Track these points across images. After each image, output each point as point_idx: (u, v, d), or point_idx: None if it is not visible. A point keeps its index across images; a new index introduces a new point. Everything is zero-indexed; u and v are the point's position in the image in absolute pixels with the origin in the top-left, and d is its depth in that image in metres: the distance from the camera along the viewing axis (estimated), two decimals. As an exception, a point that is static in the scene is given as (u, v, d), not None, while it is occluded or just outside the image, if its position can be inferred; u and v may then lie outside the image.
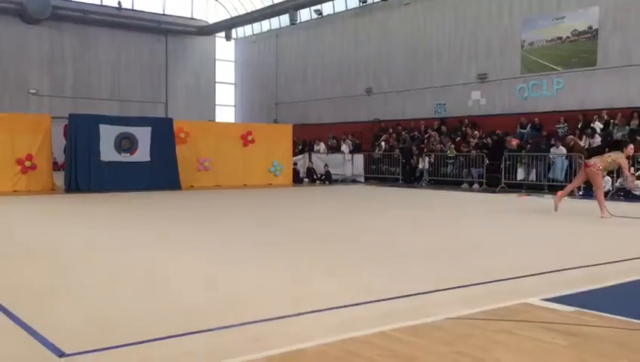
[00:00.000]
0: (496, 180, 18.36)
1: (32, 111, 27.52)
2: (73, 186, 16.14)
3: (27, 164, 15.93)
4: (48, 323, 3.97)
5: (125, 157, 16.90)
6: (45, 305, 4.55)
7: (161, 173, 17.12)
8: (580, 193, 15.44)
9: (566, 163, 17.16)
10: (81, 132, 16.42)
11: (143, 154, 17.16)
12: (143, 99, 33.14)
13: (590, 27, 19.61)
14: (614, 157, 10.82)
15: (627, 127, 17.74)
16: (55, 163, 19.34)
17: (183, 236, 8.39)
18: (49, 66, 30.97)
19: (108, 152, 16.62)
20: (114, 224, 9.81)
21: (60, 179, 17.02)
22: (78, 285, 5.24)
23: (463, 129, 22.20)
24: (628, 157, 11.70)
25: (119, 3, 32.14)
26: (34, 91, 30.35)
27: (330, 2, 28.88)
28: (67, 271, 5.88)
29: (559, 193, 11.39)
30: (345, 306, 4.44)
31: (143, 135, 17.21)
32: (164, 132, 17.61)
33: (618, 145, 11.48)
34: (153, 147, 17.28)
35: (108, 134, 16.68)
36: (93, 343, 3.56)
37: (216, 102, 36.75)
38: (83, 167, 16.32)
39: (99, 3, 31.82)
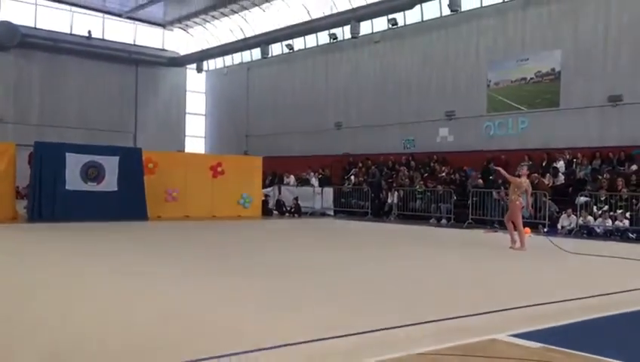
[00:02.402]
0: (464, 216, 18.57)
1: (-5, 139, 26.93)
2: (36, 215, 15.76)
3: (-11, 191, 15.54)
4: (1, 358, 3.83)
5: (91, 187, 16.64)
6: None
7: (128, 203, 16.86)
8: (545, 230, 15.71)
9: (531, 200, 17.41)
10: (46, 160, 16.14)
11: (109, 183, 16.92)
12: (112, 129, 32.75)
13: (553, 69, 20.26)
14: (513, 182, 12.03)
15: (589, 166, 18.22)
16: (18, 191, 18.89)
17: (146, 268, 8.23)
18: (15, 93, 30.47)
19: (74, 181, 16.33)
20: (74, 255, 9.58)
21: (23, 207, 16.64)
22: (32, 319, 5.07)
23: (432, 165, 22.52)
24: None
25: (89, 32, 32.02)
26: (-2, 118, 29.76)
27: (302, 38, 29.30)
28: (22, 304, 5.70)
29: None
30: (312, 341, 4.40)
31: (110, 164, 17.00)
32: (132, 161, 17.41)
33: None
34: (120, 177, 17.06)
35: (74, 163, 16.42)
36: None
37: (186, 133, 36.62)
38: (47, 196, 15.98)
39: (69, 32, 31.65)
